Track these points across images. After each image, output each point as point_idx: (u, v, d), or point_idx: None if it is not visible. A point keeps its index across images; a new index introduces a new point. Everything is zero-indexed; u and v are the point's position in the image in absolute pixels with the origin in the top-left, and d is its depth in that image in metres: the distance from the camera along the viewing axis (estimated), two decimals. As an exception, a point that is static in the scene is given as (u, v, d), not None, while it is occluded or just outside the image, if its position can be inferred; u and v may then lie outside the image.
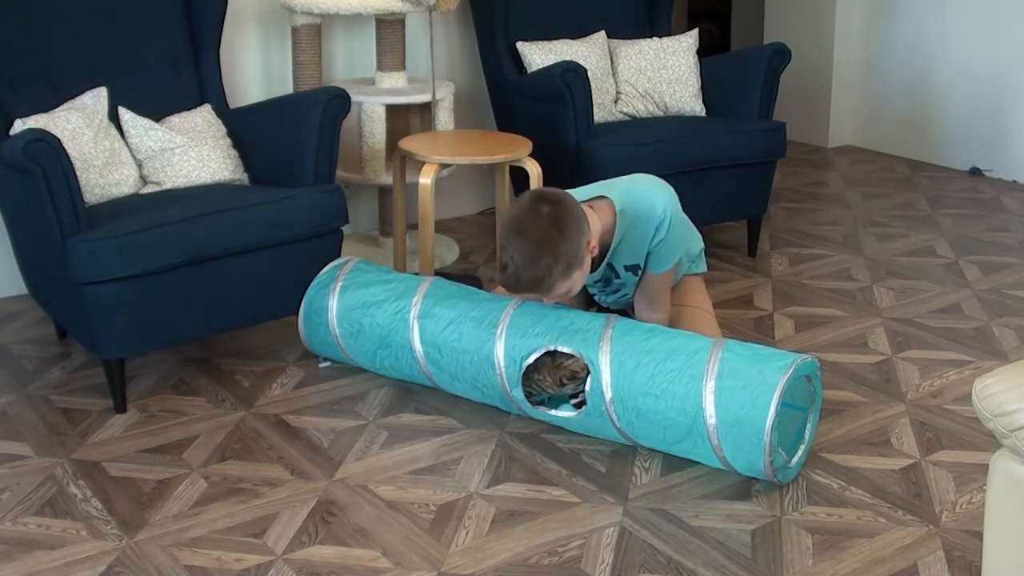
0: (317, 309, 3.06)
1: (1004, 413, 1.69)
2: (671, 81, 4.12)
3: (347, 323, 3.01)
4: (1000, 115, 5.16)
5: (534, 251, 2.53)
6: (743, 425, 2.44)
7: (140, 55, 3.43)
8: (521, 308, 2.79)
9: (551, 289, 2.60)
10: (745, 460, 2.48)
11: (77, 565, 2.26)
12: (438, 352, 2.85)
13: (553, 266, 2.54)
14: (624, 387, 2.57)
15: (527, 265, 2.55)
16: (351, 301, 3.01)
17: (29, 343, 3.37)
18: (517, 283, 2.58)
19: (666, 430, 2.55)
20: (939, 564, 2.26)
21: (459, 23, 4.45)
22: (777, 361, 2.49)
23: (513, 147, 3.57)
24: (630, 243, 2.79)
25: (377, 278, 3.04)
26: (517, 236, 2.56)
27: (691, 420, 2.49)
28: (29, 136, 2.69)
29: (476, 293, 2.92)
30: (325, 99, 3.20)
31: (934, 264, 4.05)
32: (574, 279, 2.61)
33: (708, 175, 3.12)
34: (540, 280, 2.56)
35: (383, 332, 2.94)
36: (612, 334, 2.64)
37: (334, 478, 2.60)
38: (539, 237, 2.54)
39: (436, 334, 2.85)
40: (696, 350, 2.55)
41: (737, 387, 2.46)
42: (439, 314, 2.86)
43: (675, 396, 2.51)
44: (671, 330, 2.68)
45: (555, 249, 2.54)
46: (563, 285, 2.60)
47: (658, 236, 2.76)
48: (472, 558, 2.29)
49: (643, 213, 2.75)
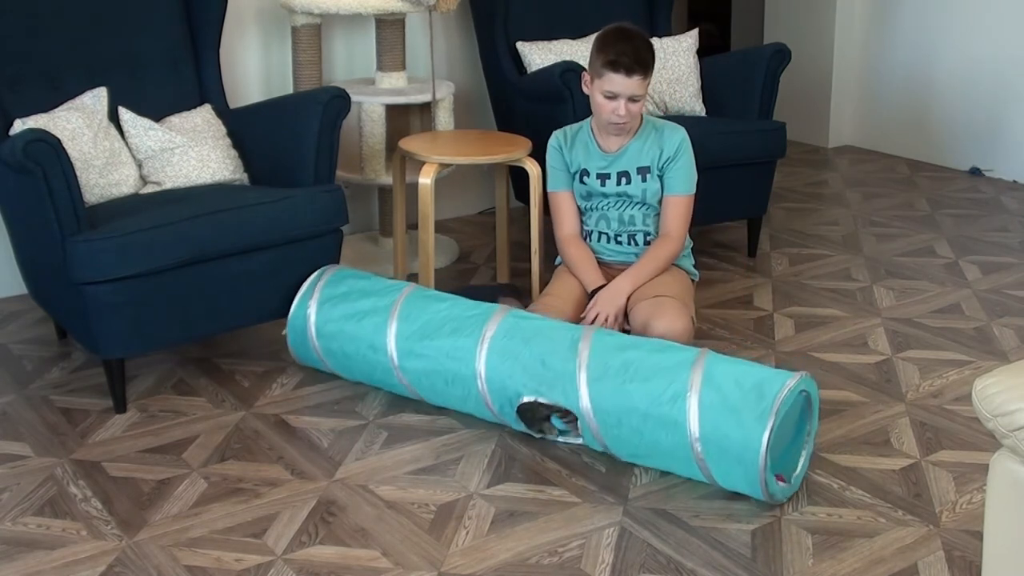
0: (299, 329, 3.03)
1: (1004, 413, 1.69)
2: (671, 81, 4.12)
3: (328, 353, 2.99)
4: (1000, 115, 5.16)
5: (644, 39, 2.98)
6: (737, 465, 2.40)
7: (140, 55, 3.43)
8: (492, 346, 2.69)
9: (648, 76, 2.95)
10: (747, 489, 2.46)
11: (77, 565, 2.26)
12: (428, 391, 2.84)
13: (653, 53, 2.98)
14: (615, 438, 2.55)
15: (643, 45, 2.95)
16: (328, 328, 2.97)
17: (29, 343, 3.37)
18: (636, 61, 2.91)
19: (669, 466, 2.56)
20: (939, 564, 2.26)
21: (459, 23, 4.45)
22: (759, 404, 2.36)
23: (513, 147, 3.57)
24: (649, 140, 3.07)
25: (347, 310, 2.94)
26: (623, 34, 2.97)
27: (687, 465, 2.49)
28: (29, 136, 2.68)
29: (443, 324, 2.78)
30: (325, 99, 3.20)
31: (934, 264, 4.05)
32: (646, 89, 3.00)
33: (708, 175, 3.14)
34: (651, 61, 2.96)
35: (366, 367, 2.92)
36: (587, 378, 2.54)
37: (334, 478, 2.60)
38: (641, 32, 3.02)
39: (422, 376, 2.82)
40: (673, 397, 2.43)
41: (724, 441, 2.39)
42: (420, 351, 2.79)
43: (665, 453, 2.49)
44: (643, 365, 2.52)
45: (651, 44, 3.01)
46: (648, 82, 2.98)
47: (674, 139, 3.05)
48: (472, 558, 2.29)
49: (667, 122, 3.14)
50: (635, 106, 2.97)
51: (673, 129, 3.09)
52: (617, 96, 2.94)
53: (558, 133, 3.15)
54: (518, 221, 4.14)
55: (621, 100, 2.94)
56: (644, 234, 3.11)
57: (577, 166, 3.11)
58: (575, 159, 3.11)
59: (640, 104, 2.98)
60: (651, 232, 3.12)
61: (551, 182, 3.16)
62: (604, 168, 3.08)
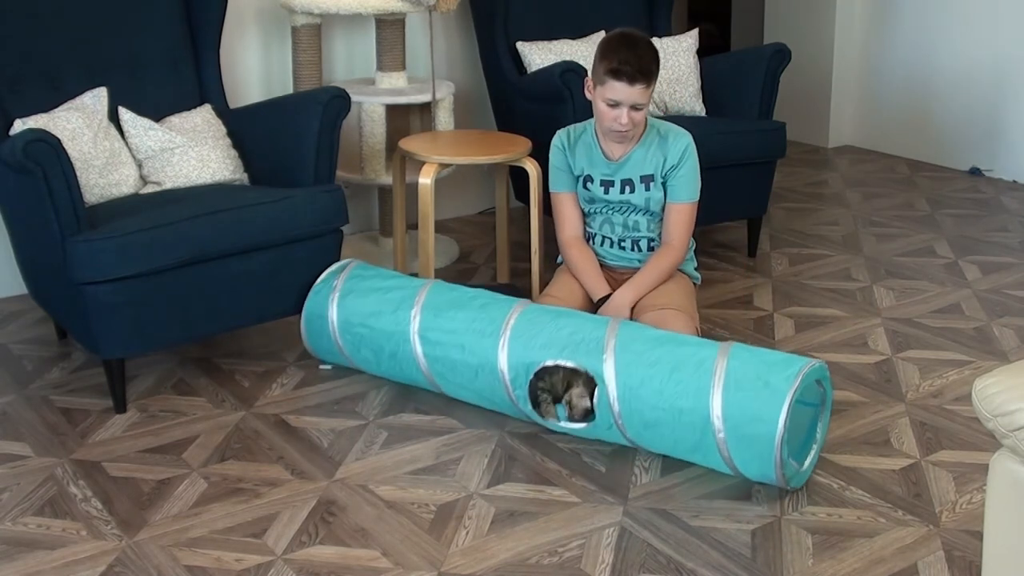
0: (318, 317, 3.05)
1: (1004, 413, 1.69)
2: (671, 81, 4.12)
3: (348, 334, 3.00)
4: (1000, 115, 5.16)
5: (649, 47, 2.95)
6: (753, 440, 2.41)
7: (140, 55, 3.43)
8: (523, 316, 2.77)
9: (651, 84, 2.92)
10: (757, 470, 2.46)
11: (77, 565, 2.26)
12: (442, 365, 2.84)
13: (657, 62, 2.96)
14: (631, 401, 2.55)
15: (647, 54, 2.92)
16: (350, 311, 3.00)
17: (29, 343, 3.37)
18: (639, 70, 2.88)
19: (676, 442, 2.54)
20: (939, 564, 2.26)
21: (459, 23, 4.45)
22: (785, 370, 2.45)
23: (513, 147, 3.57)
24: (653, 147, 3.04)
25: (375, 285, 3.02)
26: (627, 41, 2.94)
27: (700, 434, 2.48)
28: (29, 136, 2.69)
29: (474, 299, 2.89)
30: (325, 99, 3.20)
31: (934, 264, 4.05)
32: (649, 97, 2.97)
33: (708, 175, 3.13)
34: (655, 70, 2.93)
35: (385, 345, 2.93)
36: (616, 344, 2.61)
37: (334, 478, 2.60)
38: (647, 39, 2.99)
39: (439, 348, 2.83)
40: (701, 361, 2.52)
41: (745, 399, 2.42)
42: (441, 326, 2.84)
43: (682, 411, 2.48)
44: (677, 337, 2.66)
45: (657, 52, 2.98)
46: (651, 91, 2.95)
47: (678, 147, 3.02)
48: (472, 558, 2.29)
49: (673, 127, 3.10)
50: (638, 114, 2.94)
51: (678, 136, 3.06)
52: (619, 104, 2.92)
53: (561, 133, 3.14)
54: (518, 221, 4.15)
55: (623, 108, 2.92)
56: (648, 240, 3.11)
57: (580, 170, 3.10)
58: (577, 162, 3.10)
59: (643, 112, 2.96)
60: (655, 238, 3.11)
61: (553, 182, 3.15)
62: (608, 175, 3.07)
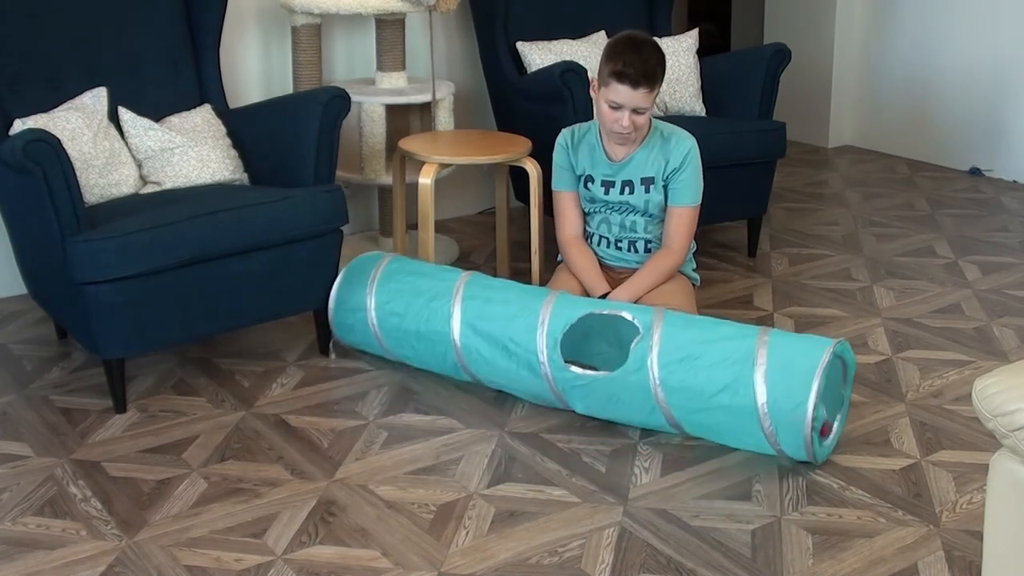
0: (353, 307, 3.10)
1: (1004, 413, 1.69)
2: (671, 81, 4.12)
3: (385, 322, 3.06)
4: (1000, 115, 5.16)
5: (655, 51, 2.94)
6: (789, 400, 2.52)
7: (140, 55, 3.43)
8: (562, 297, 2.85)
9: (654, 89, 2.92)
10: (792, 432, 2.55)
11: (77, 565, 2.26)
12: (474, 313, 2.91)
13: (663, 66, 2.95)
14: (674, 351, 2.65)
15: (653, 58, 2.91)
16: (387, 297, 3.06)
17: (29, 343, 3.37)
18: (643, 73, 2.88)
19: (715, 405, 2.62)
20: (939, 564, 2.26)
21: (459, 23, 4.45)
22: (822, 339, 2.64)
23: (513, 147, 3.57)
24: (655, 150, 3.05)
25: (415, 268, 3.12)
26: (633, 44, 2.93)
27: (743, 388, 2.57)
28: (29, 136, 2.69)
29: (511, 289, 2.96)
30: (325, 99, 3.20)
31: (934, 264, 4.05)
32: (653, 101, 2.97)
33: (708, 175, 3.14)
34: (659, 74, 2.93)
35: (421, 328, 2.98)
36: (663, 324, 2.71)
37: (334, 478, 2.60)
38: (654, 43, 2.97)
39: (478, 303, 2.91)
40: (745, 334, 2.66)
41: (788, 355, 2.57)
42: (486, 296, 2.92)
43: (721, 374, 2.59)
44: (719, 322, 2.76)
45: (663, 56, 2.97)
46: (655, 95, 2.95)
47: (680, 150, 3.02)
48: (472, 558, 2.29)
49: (676, 130, 3.09)
50: (640, 118, 2.94)
51: (681, 139, 3.06)
52: (621, 107, 2.92)
53: (566, 132, 3.14)
54: (518, 221, 4.15)
55: (625, 111, 2.92)
56: (645, 241, 3.11)
57: (582, 170, 3.10)
58: (580, 162, 3.10)
59: (645, 116, 2.96)
60: (653, 240, 3.11)
61: (556, 180, 3.15)
62: (609, 176, 3.07)
